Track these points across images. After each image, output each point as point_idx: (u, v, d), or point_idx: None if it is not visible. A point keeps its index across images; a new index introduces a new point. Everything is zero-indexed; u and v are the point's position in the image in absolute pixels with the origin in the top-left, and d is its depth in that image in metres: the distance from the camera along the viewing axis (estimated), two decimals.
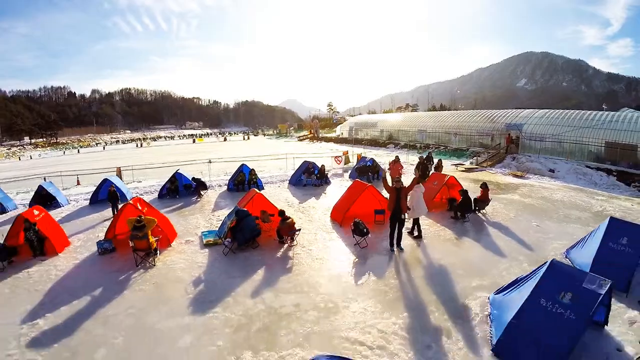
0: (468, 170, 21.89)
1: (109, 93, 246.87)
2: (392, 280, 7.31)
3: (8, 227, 9.76)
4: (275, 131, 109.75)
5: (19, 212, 12.65)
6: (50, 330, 5.89)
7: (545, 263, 5.32)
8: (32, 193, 15.09)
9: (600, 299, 4.36)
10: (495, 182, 17.65)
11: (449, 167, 23.33)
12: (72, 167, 34.91)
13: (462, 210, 10.32)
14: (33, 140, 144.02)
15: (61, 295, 6.96)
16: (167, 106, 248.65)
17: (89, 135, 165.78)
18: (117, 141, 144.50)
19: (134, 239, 7.47)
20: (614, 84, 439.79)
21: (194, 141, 73.81)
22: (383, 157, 27.08)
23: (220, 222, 9.99)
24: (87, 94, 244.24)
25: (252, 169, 15.39)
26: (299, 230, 9.00)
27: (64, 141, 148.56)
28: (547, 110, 30.05)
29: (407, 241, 9.25)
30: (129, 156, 47.23)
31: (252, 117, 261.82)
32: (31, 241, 8.90)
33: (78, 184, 21.53)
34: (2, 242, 8.95)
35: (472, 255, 8.37)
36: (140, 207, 9.41)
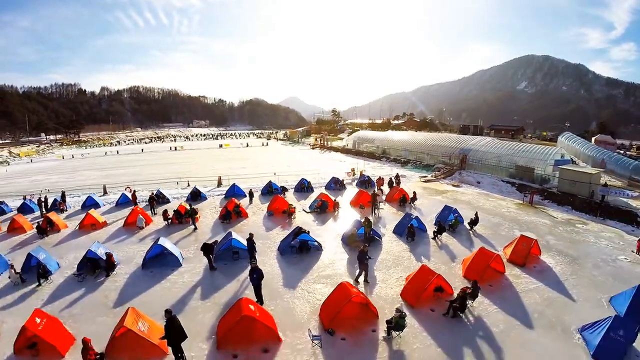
0: (427, 181, 36.62)
1: (117, 90, 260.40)
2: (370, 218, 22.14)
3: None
4: (285, 135, 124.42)
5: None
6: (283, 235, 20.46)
7: (406, 214, 20.31)
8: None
9: (412, 220, 19.14)
10: (436, 189, 32.48)
11: (417, 178, 38.09)
12: (146, 170, 49.20)
13: (403, 202, 25.19)
14: (53, 138, 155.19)
15: (271, 226, 21.55)
16: (175, 104, 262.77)
17: (105, 133, 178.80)
18: (135, 140, 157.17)
19: (290, 207, 22.29)
20: (613, 88, 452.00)
21: (220, 146, 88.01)
22: (376, 170, 41.95)
23: (306, 205, 24.97)
24: (88, 88, 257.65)
25: (309, 181, 30.36)
26: (340, 207, 23.95)
27: (85, 139, 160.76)
28: (490, 139, 44.87)
29: (377, 211, 24.08)
30: (188, 162, 60.78)
31: (256, 116, 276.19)
32: (237, 212, 23.48)
33: (188, 185, 35.93)
34: (229, 211, 23.62)
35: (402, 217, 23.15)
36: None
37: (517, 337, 11.33)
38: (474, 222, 20.99)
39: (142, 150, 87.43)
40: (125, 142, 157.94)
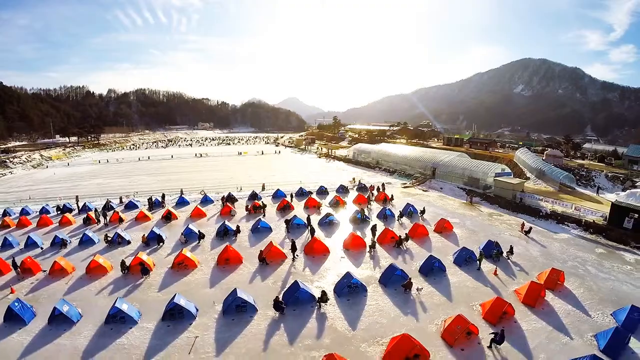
0: (406, 187, 54.36)
1: (124, 93, 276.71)
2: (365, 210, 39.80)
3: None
4: (290, 141, 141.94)
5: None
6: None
7: (384, 208, 38.01)
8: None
9: (386, 210, 36.71)
10: (410, 193, 50.27)
11: (399, 184, 55.81)
12: (195, 177, 65.89)
13: (385, 201, 42.82)
14: (68, 140, 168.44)
15: (309, 213, 39.10)
16: (180, 107, 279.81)
17: (120, 135, 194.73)
18: (149, 143, 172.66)
19: (318, 204, 39.84)
20: (608, 92, 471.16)
21: (239, 153, 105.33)
22: (370, 178, 59.65)
23: (326, 202, 42.52)
24: (87, 85, 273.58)
25: (326, 187, 47.93)
26: (346, 203, 41.63)
27: (103, 142, 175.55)
28: (457, 154, 62.61)
29: (368, 206, 41.71)
30: (222, 169, 77.94)
31: (258, 119, 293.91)
32: (288, 207, 41.12)
33: (241, 189, 53.29)
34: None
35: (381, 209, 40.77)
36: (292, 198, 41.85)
37: (424, 255, 28.89)
38: (422, 212, 38.66)
39: (172, 156, 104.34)
40: (141, 145, 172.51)
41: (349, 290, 21.84)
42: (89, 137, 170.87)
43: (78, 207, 46.20)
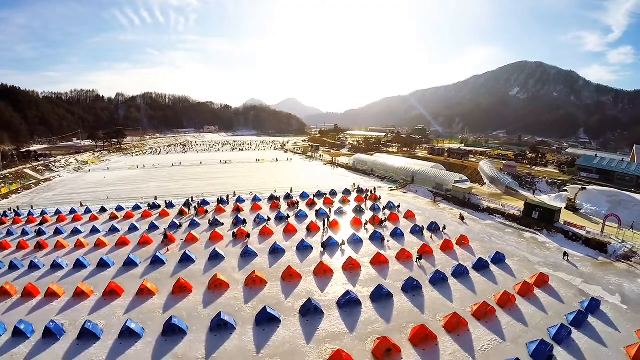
0: (391, 190, 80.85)
1: (132, 97, 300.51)
2: (361, 204, 66.19)
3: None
4: (295, 146, 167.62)
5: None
6: None
7: (374, 204, 64.75)
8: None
9: (375, 205, 63.24)
10: (393, 194, 76.89)
11: (387, 188, 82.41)
12: (232, 181, 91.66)
13: (375, 200, 69.18)
14: (89, 144, 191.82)
15: (327, 207, 65.37)
16: (186, 110, 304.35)
17: (137, 139, 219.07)
18: (164, 147, 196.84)
19: (332, 201, 66.27)
20: (602, 95, 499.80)
21: (257, 160, 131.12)
22: (366, 183, 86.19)
23: (336, 200, 68.95)
24: (85, 86, 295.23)
25: (335, 190, 74.30)
26: (350, 201, 68.14)
27: (125, 147, 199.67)
28: (433, 165, 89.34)
29: (365, 203, 68.12)
30: (250, 174, 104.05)
31: (260, 122, 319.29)
32: (313, 203, 67.66)
33: (275, 192, 79.47)
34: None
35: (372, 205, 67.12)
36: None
37: (392, 226, 55.24)
38: (398, 206, 65.05)
39: (201, 162, 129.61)
40: (162, 150, 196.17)
41: (354, 241, 48.10)
42: (112, 142, 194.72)
43: (166, 203, 71.51)
